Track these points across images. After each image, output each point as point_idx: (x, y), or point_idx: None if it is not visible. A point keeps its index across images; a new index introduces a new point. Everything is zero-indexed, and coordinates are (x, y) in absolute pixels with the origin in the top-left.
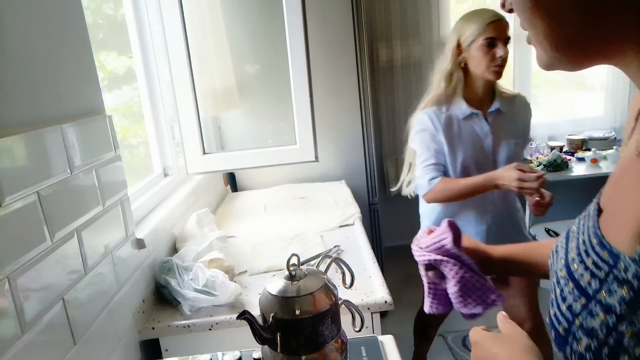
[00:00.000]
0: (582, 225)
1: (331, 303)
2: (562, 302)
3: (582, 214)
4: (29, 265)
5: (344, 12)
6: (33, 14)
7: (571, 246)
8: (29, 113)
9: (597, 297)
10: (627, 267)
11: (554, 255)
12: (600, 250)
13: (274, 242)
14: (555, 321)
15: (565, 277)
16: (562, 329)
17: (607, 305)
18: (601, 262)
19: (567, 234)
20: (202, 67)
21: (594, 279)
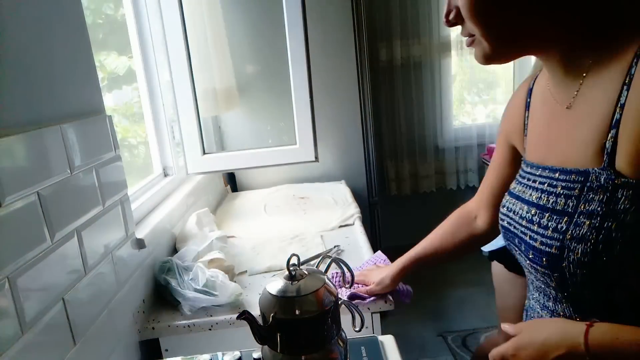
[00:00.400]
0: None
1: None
2: (545, 230)
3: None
4: (29, 265)
5: (344, 12)
6: (33, 14)
7: (527, 193)
8: (29, 113)
9: (578, 210)
10: (598, 175)
11: (509, 211)
12: (566, 176)
13: (274, 242)
14: (544, 248)
15: (537, 214)
16: (555, 249)
17: (589, 211)
18: (572, 184)
19: (511, 193)
20: (202, 67)
21: (570, 198)
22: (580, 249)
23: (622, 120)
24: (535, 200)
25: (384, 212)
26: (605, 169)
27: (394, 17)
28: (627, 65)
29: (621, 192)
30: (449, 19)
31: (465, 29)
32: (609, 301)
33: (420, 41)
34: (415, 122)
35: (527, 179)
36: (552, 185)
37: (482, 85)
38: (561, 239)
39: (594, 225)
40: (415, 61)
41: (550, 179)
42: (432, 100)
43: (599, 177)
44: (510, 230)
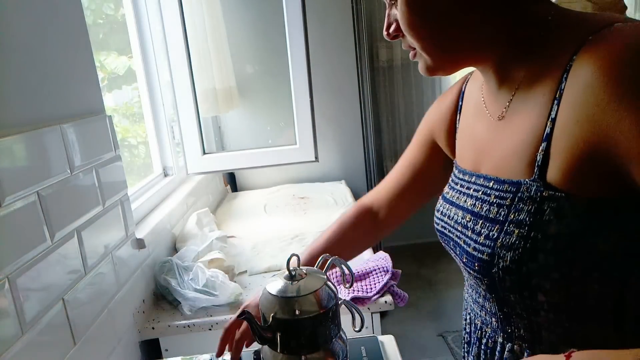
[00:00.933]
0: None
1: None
2: (478, 236)
3: None
4: (29, 265)
5: (344, 12)
6: (33, 13)
7: (462, 199)
8: (29, 113)
9: (508, 219)
10: (529, 187)
11: (443, 215)
12: (499, 186)
13: (274, 242)
14: (476, 254)
15: (471, 220)
16: (486, 255)
17: (518, 220)
18: (504, 193)
19: (445, 197)
20: (202, 67)
21: (502, 207)
22: (509, 256)
23: (554, 135)
24: (469, 207)
25: None
26: (535, 180)
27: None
28: (557, 81)
29: (547, 204)
30: (389, 32)
31: (406, 41)
32: (531, 303)
33: None
34: (415, 122)
35: (460, 185)
36: (486, 193)
37: None
38: (492, 245)
39: (521, 234)
40: (415, 61)
41: (485, 187)
42: (432, 100)
43: (529, 188)
44: (445, 233)
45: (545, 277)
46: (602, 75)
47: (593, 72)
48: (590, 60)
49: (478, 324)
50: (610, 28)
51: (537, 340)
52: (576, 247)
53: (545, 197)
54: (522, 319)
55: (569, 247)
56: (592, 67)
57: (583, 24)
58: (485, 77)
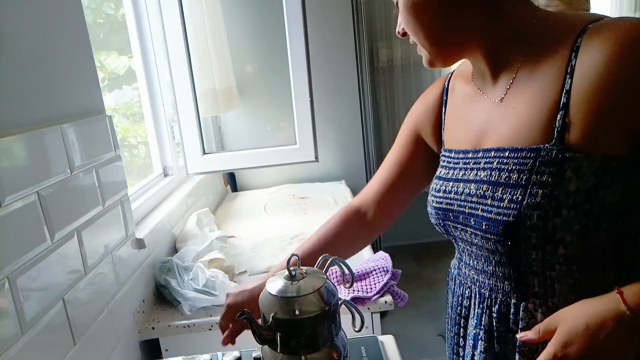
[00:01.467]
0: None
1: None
2: (500, 202)
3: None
4: (29, 265)
5: (344, 12)
6: (33, 13)
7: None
8: (29, 113)
9: (531, 182)
10: (549, 151)
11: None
12: (517, 154)
13: (274, 242)
14: (500, 218)
15: (489, 189)
16: (512, 217)
17: (541, 182)
18: (524, 160)
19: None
20: (202, 67)
21: (522, 173)
22: (536, 214)
23: (571, 104)
24: (485, 177)
25: None
26: (555, 145)
27: (394, 17)
28: (566, 59)
29: (568, 164)
30: (399, 30)
31: (411, 38)
32: (550, 258)
33: None
34: None
35: (463, 163)
36: (502, 162)
37: None
38: (518, 208)
39: (545, 194)
40: (415, 61)
41: (500, 157)
42: None
43: (550, 152)
44: (453, 209)
45: (568, 230)
46: (616, 53)
47: (607, 49)
48: (601, 40)
49: (485, 292)
50: (604, 20)
51: (550, 293)
52: (592, 200)
53: (567, 157)
54: (537, 275)
55: (586, 201)
56: (605, 46)
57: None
58: (478, 68)
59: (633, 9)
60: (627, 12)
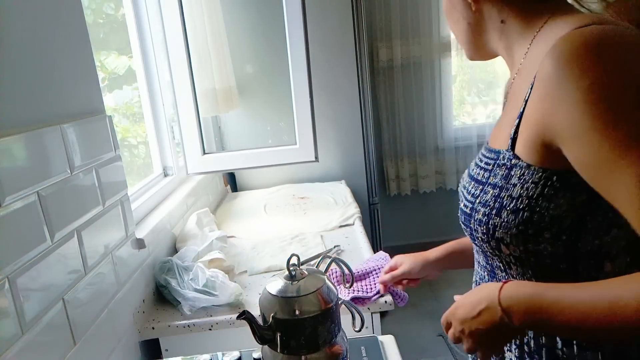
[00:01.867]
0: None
1: (331, 303)
2: (467, 194)
3: None
4: (29, 265)
5: (344, 12)
6: (33, 13)
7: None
8: (29, 113)
9: (487, 181)
10: (504, 155)
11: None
12: (488, 154)
13: (274, 242)
14: (463, 208)
15: (468, 181)
16: (468, 209)
17: (493, 184)
18: (489, 160)
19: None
20: (202, 67)
21: (485, 171)
22: (482, 211)
23: (524, 114)
24: (472, 169)
25: (384, 212)
26: (508, 150)
27: (394, 17)
28: (535, 70)
29: (514, 170)
30: None
31: None
32: (500, 255)
33: (420, 41)
34: (415, 122)
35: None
36: (481, 160)
37: (482, 85)
38: (473, 202)
39: (494, 194)
40: (415, 61)
41: (481, 156)
42: (432, 100)
43: (504, 156)
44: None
45: (506, 231)
46: (548, 69)
47: (544, 65)
48: (547, 55)
49: (477, 280)
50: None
51: None
52: (532, 209)
53: (513, 164)
54: (501, 271)
55: (526, 208)
56: (546, 61)
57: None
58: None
59: None
60: None
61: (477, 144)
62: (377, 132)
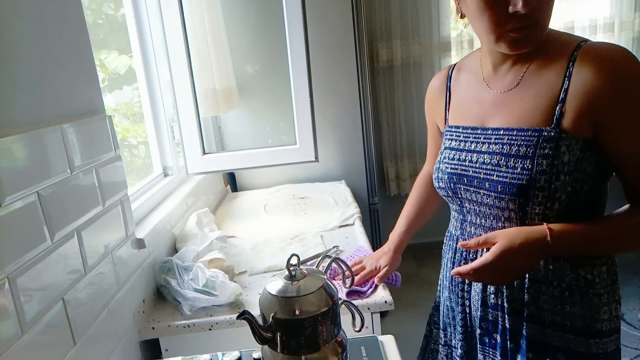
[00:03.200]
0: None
1: (331, 303)
2: (513, 169)
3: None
4: (29, 265)
5: (344, 12)
6: (33, 14)
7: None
8: (29, 113)
9: (536, 154)
10: (549, 132)
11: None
12: (524, 133)
13: (274, 242)
14: (515, 181)
15: (502, 159)
16: (525, 180)
17: (544, 154)
18: (529, 137)
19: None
20: (202, 67)
21: (529, 147)
22: (543, 178)
23: (567, 99)
24: (497, 150)
25: (384, 212)
26: (554, 128)
27: (394, 17)
28: (565, 66)
29: (562, 142)
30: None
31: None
32: (548, 212)
33: (420, 41)
34: (416, 122)
35: (473, 137)
36: (511, 139)
37: None
38: (528, 174)
39: (548, 163)
40: (415, 61)
41: (509, 135)
42: None
43: (549, 133)
44: (468, 175)
45: (563, 190)
46: (604, 70)
47: (596, 65)
48: (594, 58)
49: (465, 237)
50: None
51: None
52: (579, 169)
53: (562, 137)
54: (507, 224)
55: (575, 169)
56: (595, 62)
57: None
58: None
59: (633, 9)
60: (627, 12)
61: None
62: (377, 132)
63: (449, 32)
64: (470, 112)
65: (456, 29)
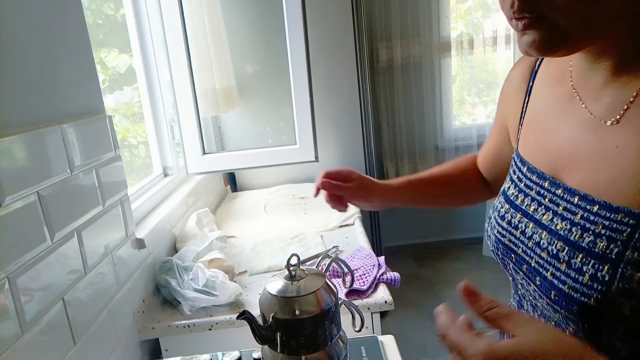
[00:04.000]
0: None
1: (331, 303)
2: (579, 275)
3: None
4: (29, 265)
5: (344, 12)
6: (33, 14)
7: (544, 215)
8: (29, 113)
9: (625, 258)
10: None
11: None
12: (611, 214)
13: (274, 242)
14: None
15: (567, 250)
16: (593, 301)
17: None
18: (619, 225)
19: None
20: (202, 67)
21: (614, 242)
22: (628, 305)
23: None
24: (561, 231)
25: (384, 212)
26: None
27: (394, 17)
28: None
29: None
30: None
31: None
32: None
33: (420, 41)
34: (415, 122)
35: (537, 192)
36: (588, 219)
37: (482, 85)
38: (603, 290)
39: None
40: (415, 61)
41: (584, 209)
42: (432, 100)
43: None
44: (517, 252)
45: None
46: None
47: None
48: None
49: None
50: None
51: None
52: None
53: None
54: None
55: None
56: None
57: None
58: (586, 65)
59: None
60: None
61: (477, 144)
62: (377, 132)
63: (449, 32)
64: (543, 143)
65: (456, 29)
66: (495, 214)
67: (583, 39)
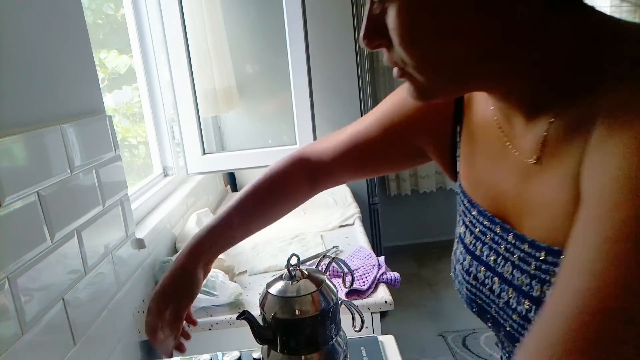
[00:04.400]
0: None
1: (331, 303)
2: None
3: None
4: (29, 265)
5: (344, 12)
6: (33, 13)
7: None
8: (29, 113)
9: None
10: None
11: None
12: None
13: (274, 242)
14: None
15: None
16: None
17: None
18: (544, 264)
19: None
20: (202, 67)
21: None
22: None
23: None
24: (523, 286)
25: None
26: None
27: None
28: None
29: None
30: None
31: (392, 56)
32: None
33: None
34: None
35: (490, 238)
36: (540, 268)
37: None
38: (526, 327)
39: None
40: None
41: (537, 259)
42: None
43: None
44: (490, 312)
45: None
46: None
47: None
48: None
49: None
50: None
51: None
52: None
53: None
54: None
55: None
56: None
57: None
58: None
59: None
60: (628, 14)
61: None
62: None
63: None
64: (489, 184)
65: None
66: (459, 267)
67: (450, 87)
